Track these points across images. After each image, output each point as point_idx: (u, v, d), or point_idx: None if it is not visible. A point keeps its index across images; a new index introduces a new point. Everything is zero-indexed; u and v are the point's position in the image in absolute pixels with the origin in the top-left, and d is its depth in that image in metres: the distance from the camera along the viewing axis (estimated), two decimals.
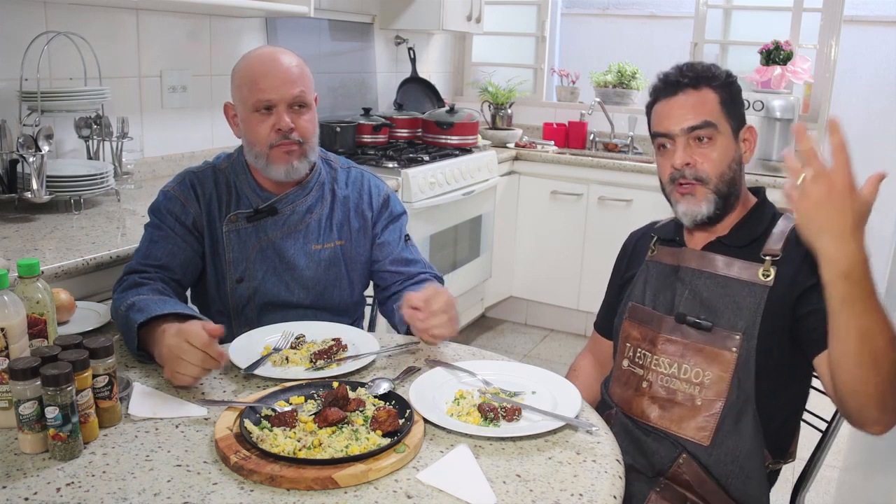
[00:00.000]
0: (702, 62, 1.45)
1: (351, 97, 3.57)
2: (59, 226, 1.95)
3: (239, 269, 1.61)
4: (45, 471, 1.01)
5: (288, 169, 1.57)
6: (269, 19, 3.07)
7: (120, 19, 2.47)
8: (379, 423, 1.09)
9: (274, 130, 1.54)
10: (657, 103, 1.44)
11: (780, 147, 3.39)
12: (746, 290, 1.35)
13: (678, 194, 1.42)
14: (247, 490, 0.97)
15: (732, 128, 1.41)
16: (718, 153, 1.38)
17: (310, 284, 1.64)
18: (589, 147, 4.13)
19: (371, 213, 1.70)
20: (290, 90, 1.54)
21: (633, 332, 1.48)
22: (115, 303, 1.45)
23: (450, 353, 1.44)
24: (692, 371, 1.36)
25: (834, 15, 3.61)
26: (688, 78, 1.40)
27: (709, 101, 1.39)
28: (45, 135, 1.99)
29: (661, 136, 1.43)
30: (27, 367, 1.02)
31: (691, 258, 1.44)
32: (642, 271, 1.52)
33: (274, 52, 1.59)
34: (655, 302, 1.46)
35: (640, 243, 1.60)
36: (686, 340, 1.38)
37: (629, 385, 1.45)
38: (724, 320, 1.35)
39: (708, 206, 1.39)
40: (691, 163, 1.39)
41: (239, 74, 1.58)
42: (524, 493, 0.99)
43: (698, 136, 1.38)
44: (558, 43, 4.65)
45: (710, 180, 1.39)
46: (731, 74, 1.44)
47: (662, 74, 1.45)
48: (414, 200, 2.92)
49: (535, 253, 3.87)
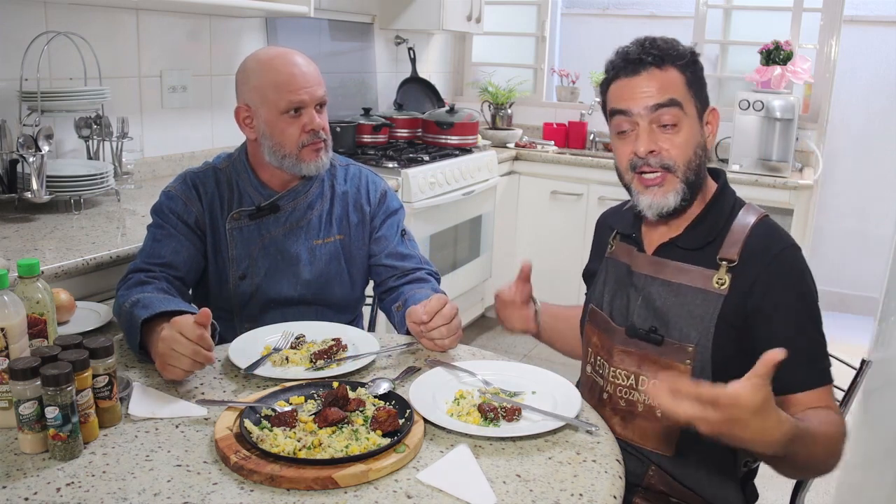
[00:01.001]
0: (665, 38, 1.31)
1: (351, 97, 3.57)
2: (59, 226, 1.95)
3: (242, 267, 1.63)
4: (45, 471, 1.01)
5: (318, 164, 1.61)
6: (269, 19, 3.07)
7: (120, 19, 2.47)
8: (379, 423, 1.09)
9: (305, 131, 1.58)
10: (615, 81, 1.31)
11: (780, 147, 3.39)
12: (700, 299, 1.28)
13: (641, 185, 1.31)
14: (247, 490, 0.97)
15: (697, 109, 1.30)
16: (684, 138, 1.28)
17: (311, 280, 1.66)
18: (589, 147, 4.13)
19: (369, 208, 1.72)
20: (317, 91, 1.59)
21: (593, 338, 1.43)
22: (119, 300, 1.45)
23: (450, 353, 1.44)
24: (649, 382, 1.31)
25: (834, 15, 3.61)
26: (651, 56, 1.27)
27: (674, 80, 1.27)
28: (45, 135, 1.99)
29: (620, 113, 1.30)
30: (27, 367, 1.02)
31: (643, 264, 1.36)
32: (602, 269, 1.47)
33: (290, 53, 1.61)
34: (612, 307, 1.39)
35: (602, 232, 1.52)
36: (640, 351, 1.32)
37: (592, 394, 1.41)
38: (676, 331, 1.28)
39: (675, 197, 1.29)
40: (656, 150, 1.28)
41: (259, 77, 1.58)
42: (524, 493, 0.99)
43: (662, 122, 1.27)
44: (558, 43, 4.65)
45: (677, 168, 1.28)
46: (696, 52, 1.32)
47: (623, 50, 1.31)
48: (414, 200, 2.92)
49: (535, 253, 3.86)
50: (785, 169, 3.37)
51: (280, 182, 1.65)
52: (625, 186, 1.36)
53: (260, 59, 1.61)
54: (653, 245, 1.37)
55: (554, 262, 3.80)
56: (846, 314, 4.11)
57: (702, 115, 1.32)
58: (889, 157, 4.22)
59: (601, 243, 1.51)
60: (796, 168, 3.52)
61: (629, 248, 1.41)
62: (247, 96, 1.60)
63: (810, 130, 3.67)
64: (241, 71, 1.63)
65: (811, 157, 3.66)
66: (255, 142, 1.62)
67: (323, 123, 1.61)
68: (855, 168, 4.30)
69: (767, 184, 3.32)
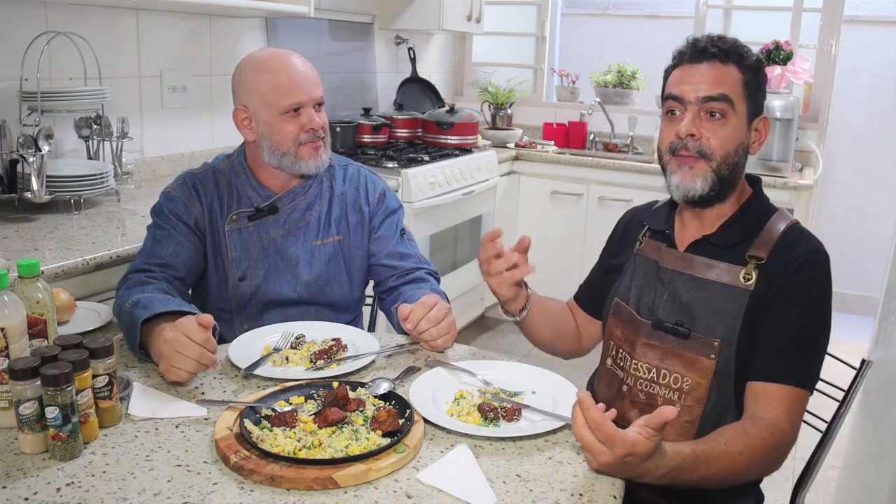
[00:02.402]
0: (735, 38, 1.36)
1: (351, 97, 3.57)
2: (59, 226, 1.95)
3: (241, 268, 1.63)
4: (45, 471, 1.01)
5: (317, 162, 1.62)
6: (269, 19, 3.07)
7: (120, 19, 2.47)
8: (379, 423, 1.09)
9: (304, 130, 1.58)
10: (678, 67, 1.35)
11: (780, 147, 3.38)
12: (727, 294, 1.30)
13: (675, 164, 1.34)
14: (247, 490, 0.97)
15: (748, 112, 1.33)
16: (728, 132, 1.31)
17: (311, 281, 1.66)
18: (589, 147, 4.13)
19: (368, 208, 1.72)
20: (316, 91, 1.60)
21: (616, 331, 1.45)
22: (119, 300, 1.45)
23: (450, 353, 1.44)
24: (671, 376, 1.34)
25: (834, 15, 3.61)
26: (717, 48, 1.32)
27: (732, 77, 1.31)
28: (45, 135, 1.99)
29: (673, 99, 1.34)
30: (27, 367, 1.02)
31: (671, 259, 1.39)
32: (629, 264, 1.48)
33: (286, 54, 1.61)
34: (639, 302, 1.42)
35: (630, 228, 1.54)
36: (664, 345, 1.34)
37: (612, 387, 1.43)
38: (702, 326, 1.31)
39: (703, 184, 1.31)
40: (697, 134, 1.31)
41: (256, 79, 1.58)
42: (524, 493, 0.99)
43: (711, 111, 1.30)
44: (558, 43, 4.65)
45: (713, 157, 1.31)
46: (762, 60, 1.35)
47: (692, 38, 1.36)
48: (414, 200, 2.92)
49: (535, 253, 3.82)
50: (785, 169, 3.37)
51: (279, 183, 1.65)
52: (662, 168, 1.39)
53: (256, 60, 1.61)
54: (685, 242, 1.40)
55: (554, 262, 3.80)
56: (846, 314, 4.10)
57: (752, 119, 1.34)
58: (889, 157, 4.22)
59: (629, 239, 1.52)
60: (796, 168, 3.52)
61: (658, 245, 1.43)
62: (244, 98, 1.60)
63: (810, 130, 3.67)
64: (237, 73, 1.62)
65: (811, 157, 3.66)
66: (253, 143, 1.62)
67: (322, 122, 1.62)
68: (855, 168, 4.30)
69: (767, 184, 3.24)
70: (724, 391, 1.30)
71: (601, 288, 1.55)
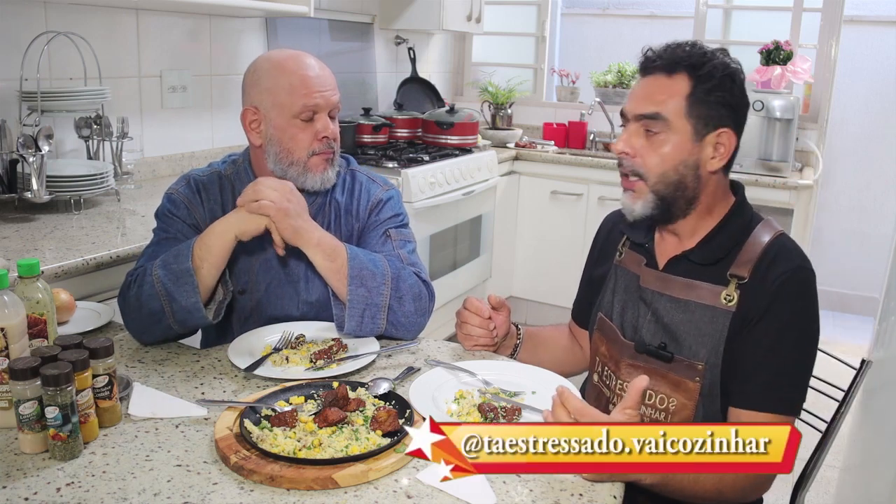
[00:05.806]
0: (696, 44, 1.27)
1: (351, 97, 3.57)
2: (59, 226, 1.95)
3: (241, 282, 1.55)
4: (45, 471, 1.01)
5: (323, 178, 1.53)
6: (269, 19, 3.07)
7: (120, 19, 2.47)
8: (379, 423, 1.09)
9: (318, 139, 1.49)
10: (635, 79, 1.35)
11: (780, 147, 3.39)
12: (708, 316, 1.26)
13: (622, 185, 1.31)
14: (247, 490, 0.97)
15: (694, 127, 1.24)
16: (667, 150, 1.24)
17: (312, 299, 1.57)
18: (589, 147, 4.13)
19: (358, 224, 1.62)
20: (333, 96, 1.51)
21: (601, 347, 1.43)
22: (147, 279, 1.39)
23: (450, 354, 1.44)
24: (657, 397, 1.31)
25: (834, 15, 3.61)
26: (662, 60, 1.25)
27: (674, 91, 1.23)
28: (45, 135, 1.99)
29: (622, 113, 1.31)
30: (27, 367, 1.02)
31: (651, 279, 1.34)
32: (611, 276, 1.44)
33: (304, 55, 1.53)
34: (623, 319, 1.38)
35: (611, 238, 1.49)
36: (649, 366, 1.31)
37: (599, 403, 1.41)
38: (685, 349, 1.28)
39: (644, 207, 1.27)
40: (631, 152, 1.26)
41: (271, 79, 1.49)
42: (524, 493, 0.99)
43: (647, 128, 1.25)
44: (558, 43, 4.65)
45: (647, 177, 1.25)
46: (726, 68, 1.24)
47: (647, 49, 1.31)
48: (414, 200, 2.92)
49: (535, 253, 3.87)
50: (785, 169, 3.37)
51: None
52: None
53: (273, 59, 1.52)
54: (665, 256, 1.35)
55: (554, 262, 3.81)
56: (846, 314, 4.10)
57: (703, 135, 1.25)
58: (889, 157, 4.22)
59: (609, 247, 1.48)
60: (796, 168, 3.52)
61: (639, 259, 1.38)
62: (256, 98, 1.51)
63: (810, 130, 3.68)
64: (251, 72, 1.53)
65: (811, 157, 3.66)
66: (259, 148, 1.53)
67: (336, 133, 1.53)
68: (855, 168, 4.30)
69: (767, 184, 3.32)
70: (711, 412, 1.28)
71: (589, 300, 1.53)
